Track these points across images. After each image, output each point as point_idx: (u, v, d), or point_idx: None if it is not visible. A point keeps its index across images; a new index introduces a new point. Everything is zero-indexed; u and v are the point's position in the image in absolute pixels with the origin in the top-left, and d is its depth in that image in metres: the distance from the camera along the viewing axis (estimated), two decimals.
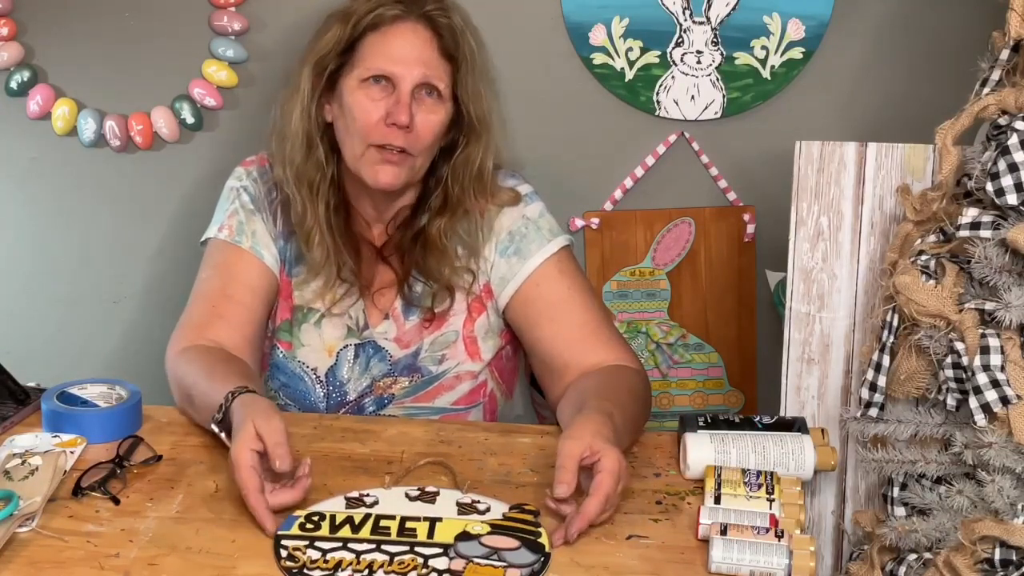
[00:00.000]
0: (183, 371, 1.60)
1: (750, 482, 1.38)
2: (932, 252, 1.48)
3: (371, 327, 1.75)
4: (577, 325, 1.68)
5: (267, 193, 1.77)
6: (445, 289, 1.72)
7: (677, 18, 2.05)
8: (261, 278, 1.72)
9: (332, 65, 1.67)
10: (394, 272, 1.75)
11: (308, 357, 1.75)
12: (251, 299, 1.70)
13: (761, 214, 2.15)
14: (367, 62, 1.65)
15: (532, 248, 1.72)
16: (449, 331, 1.75)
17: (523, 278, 1.71)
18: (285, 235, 1.75)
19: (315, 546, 1.28)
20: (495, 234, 1.73)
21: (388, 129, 1.63)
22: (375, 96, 1.64)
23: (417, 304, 1.74)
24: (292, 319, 1.76)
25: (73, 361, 2.21)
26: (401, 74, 1.63)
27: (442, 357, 1.75)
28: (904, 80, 2.08)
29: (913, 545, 1.45)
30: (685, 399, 2.23)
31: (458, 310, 1.75)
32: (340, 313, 1.74)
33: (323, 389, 1.76)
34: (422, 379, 1.76)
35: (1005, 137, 1.41)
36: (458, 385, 1.76)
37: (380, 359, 1.75)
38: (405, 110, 1.62)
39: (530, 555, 1.27)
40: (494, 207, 1.74)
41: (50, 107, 2.11)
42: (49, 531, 1.31)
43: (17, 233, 2.21)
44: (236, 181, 1.79)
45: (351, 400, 1.76)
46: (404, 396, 1.76)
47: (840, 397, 1.67)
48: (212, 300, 1.69)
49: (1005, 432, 1.35)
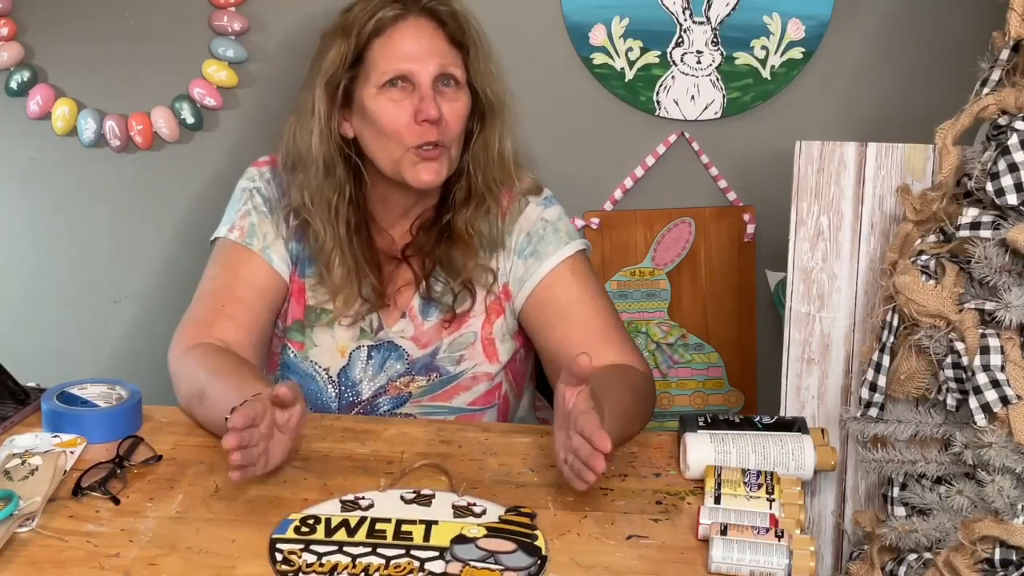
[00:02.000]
0: (191, 370, 1.60)
1: (750, 482, 1.38)
2: (932, 252, 1.48)
3: (386, 327, 1.75)
4: (587, 327, 1.68)
5: (280, 195, 1.75)
6: (466, 288, 1.73)
7: (677, 18, 2.05)
8: (270, 282, 1.72)
9: (344, 81, 1.66)
10: (413, 272, 1.75)
11: (320, 357, 1.75)
12: (259, 302, 1.70)
13: (761, 214, 2.15)
14: (381, 67, 1.64)
15: (549, 250, 1.73)
16: (468, 332, 1.75)
17: (538, 279, 1.72)
18: (298, 236, 1.74)
19: (310, 550, 1.27)
20: (515, 235, 1.74)
21: (420, 127, 1.62)
22: (397, 98, 1.63)
23: (437, 303, 1.74)
24: (304, 320, 1.75)
25: (73, 361, 2.21)
26: (418, 70, 1.63)
27: (460, 358, 1.76)
28: (904, 80, 2.08)
29: (913, 545, 1.45)
30: (685, 399, 2.23)
31: (477, 311, 1.75)
32: (355, 316, 1.74)
33: (335, 389, 1.75)
34: (440, 378, 1.76)
35: (1005, 137, 1.41)
36: (475, 386, 1.77)
37: (397, 358, 1.75)
38: (432, 104, 1.62)
39: (527, 558, 1.27)
40: (515, 208, 1.75)
41: (50, 107, 2.11)
42: (49, 531, 1.31)
43: (17, 233, 2.21)
44: (249, 182, 1.78)
45: (364, 399, 1.76)
46: (421, 395, 1.76)
47: (840, 397, 1.67)
48: (220, 299, 1.69)
49: (1005, 432, 1.34)
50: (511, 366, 1.79)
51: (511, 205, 1.75)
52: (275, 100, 2.08)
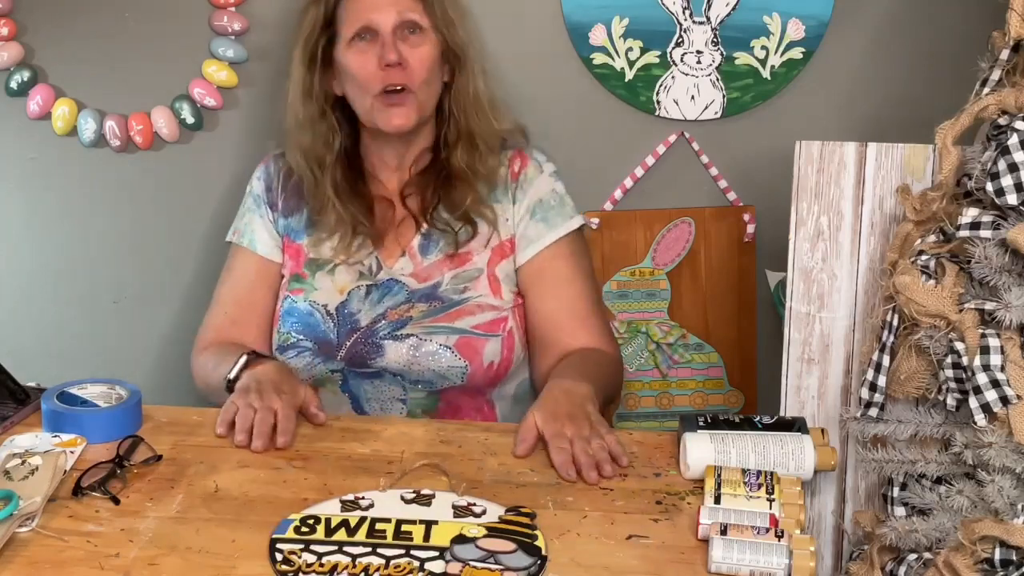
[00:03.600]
0: (204, 369, 1.79)
1: (750, 482, 1.38)
2: (932, 252, 1.48)
3: (386, 267, 1.82)
4: (572, 307, 1.82)
5: (266, 188, 1.89)
6: (467, 222, 1.81)
7: (677, 18, 2.05)
8: (260, 268, 1.86)
9: (321, 41, 1.79)
10: (411, 212, 1.84)
11: (319, 297, 1.83)
12: (257, 294, 1.86)
13: (761, 214, 2.15)
14: (348, 23, 1.77)
15: (558, 220, 1.84)
16: (472, 268, 1.82)
17: (543, 245, 1.83)
18: (288, 211, 1.87)
19: (310, 550, 1.27)
20: (529, 195, 1.84)
21: (384, 72, 1.74)
22: (364, 49, 1.76)
23: (437, 240, 1.81)
24: (303, 271, 1.84)
25: (73, 361, 2.21)
26: (378, 20, 1.76)
27: (464, 288, 1.81)
28: (904, 80, 2.08)
29: (913, 545, 1.45)
30: (685, 399, 2.23)
31: (481, 248, 1.82)
32: (353, 262, 1.82)
33: (333, 321, 1.81)
34: (442, 304, 1.80)
35: (1005, 137, 1.41)
36: (479, 312, 1.80)
37: (397, 291, 1.81)
38: (392, 49, 1.74)
39: (527, 558, 1.26)
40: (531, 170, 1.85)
41: (50, 107, 2.11)
42: (49, 531, 1.31)
43: (17, 233, 2.21)
44: (249, 186, 1.92)
45: (363, 326, 1.80)
46: (422, 317, 1.79)
47: (840, 397, 1.67)
48: (225, 307, 1.86)
49: (1005, 432, 1.35)
50: (517, 309, 1.84)
51: (526, 166, 1.86)
52: (275, 100, 2.08)
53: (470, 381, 1.78)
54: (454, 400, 1.80)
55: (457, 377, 1.78)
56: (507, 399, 1.86)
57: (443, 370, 1.77)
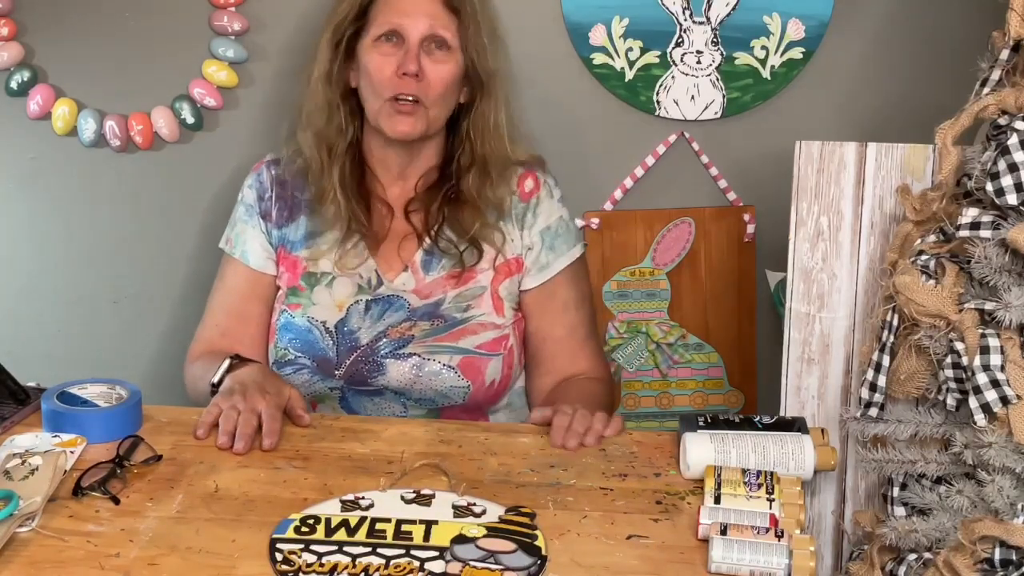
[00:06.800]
0: (193, 372, 1.80)
1: (750, 482, 1.38)
2: (932, 252, 1.48)
3: (386, 282, 1.81)
4: (573, 332, 1.85)
5: (259, 198, 1.86)
6: (473, 245, 1.80)
7: (677, 18, 2.05)
8: (251, 280, 1.85)
9: (349, 31, 1.78)
10: (414, 228, 1.82)
11: (317, 313, 1.81)
12: (248, 306, 1.84)
13: (761, 214, 2.15)
14: (378, 21, 1.76)
15: (564, 248, 1.85)
16: (476, 286, 1.81)
17: (552, 272, 1.84)
18: (282, 222, 1.84)
19: (310, 550, 1.27)
20: (540, 220, 1.84)
21: (400, 80, 1.73)
22: (387, 52, 1.75)
23: (440, 258, 1.80)
24: (301, 284, 1.82)
25: (73, 361, 2.21)
26: (408, 27, 1.74)
27: (467, 307, 1.80)
28: (904, 80, 2.08)
29: (913, 545, 1.45)
30: (685, 399, 2.23)
31: (486, 268, 1.81)
32: (351, 272, 1.80)
33: (332, 338, 1.79)
34: (444, 323, 1.79)
35: (1005, 137, 1.41)
36: (482, 331, 1.80)
37: (398, 308, 1.80)
38: (413, 60, 1.73)
39: (527, 558, 1.26)
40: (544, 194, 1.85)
41: (50, 107, 2.11)
42: (49, 531, 1.31)
43: (17, 233, 2.21)
44: (240, 194, 1.89)
45: (363, 344, 1.78)
46: (424, 337, 1.79)
47: (840, 397, 1.67)
48: (216, 318, 1.85)
49: (1005, 432, 1.34)
50: (517, 324, 1.84)
51: (538, 190, 1.85)
52: (275, 100, 2.08)
53: (471, 400, 1.79)
54: (453, 417, 1.79)
55: (459, 396, 1.78)
56: (501, 411, 1.87)
57: (445, 389, 1.77)
